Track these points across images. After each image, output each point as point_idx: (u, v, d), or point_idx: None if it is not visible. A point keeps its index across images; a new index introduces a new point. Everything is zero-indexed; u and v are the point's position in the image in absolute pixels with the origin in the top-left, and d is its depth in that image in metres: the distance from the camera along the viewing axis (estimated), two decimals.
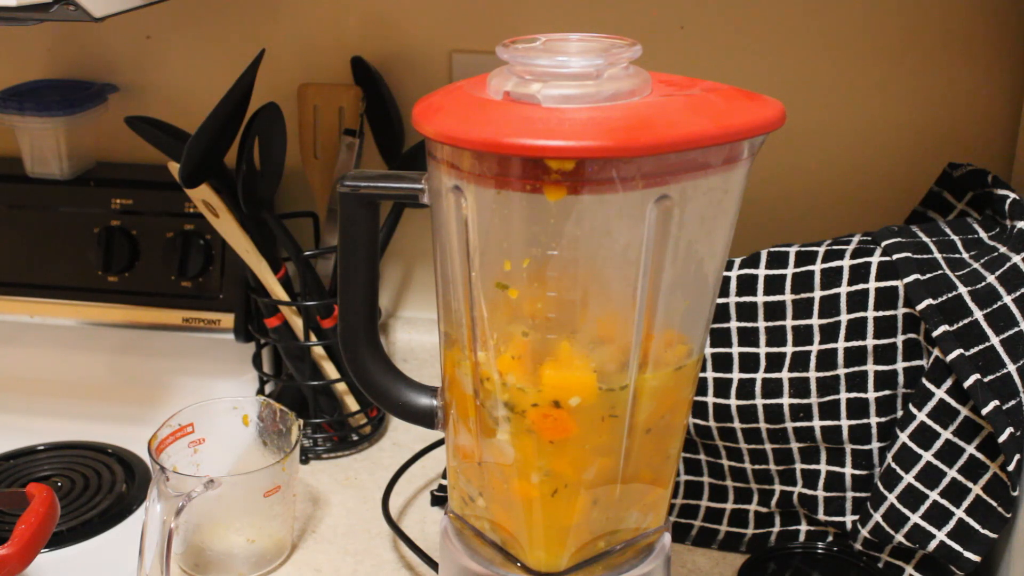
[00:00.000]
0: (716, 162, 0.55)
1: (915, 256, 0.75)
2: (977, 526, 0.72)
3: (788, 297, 0.78)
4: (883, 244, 0.77)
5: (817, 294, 0.77)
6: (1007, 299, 0.72)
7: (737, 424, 0.79)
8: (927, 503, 0.74)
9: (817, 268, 0.78)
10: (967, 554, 0.73)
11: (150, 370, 1.06)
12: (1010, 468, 0.70)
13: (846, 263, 0.77)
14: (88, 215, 1.04)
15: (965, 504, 0.73)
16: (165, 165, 0.92)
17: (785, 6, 0.92)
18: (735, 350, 0.79)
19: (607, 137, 0.51)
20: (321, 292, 0.95)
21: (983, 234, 0.78)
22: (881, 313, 0.76)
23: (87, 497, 0.90)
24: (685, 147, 0.52)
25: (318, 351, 0.97)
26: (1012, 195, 0.77)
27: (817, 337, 0.77)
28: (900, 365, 0.77)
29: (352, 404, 0.99)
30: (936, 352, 0.73)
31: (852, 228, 0.94)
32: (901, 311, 0.76)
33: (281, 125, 0.90)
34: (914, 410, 0.74)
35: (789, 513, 0.82)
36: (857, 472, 0.78)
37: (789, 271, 0.79)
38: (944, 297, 0.73)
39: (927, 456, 0.73)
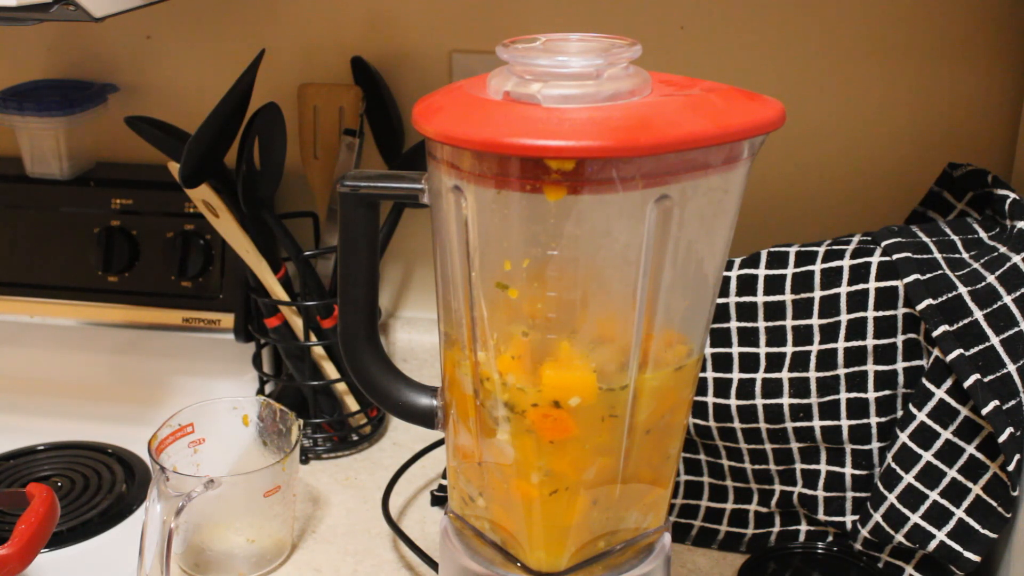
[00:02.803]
0: (716, 162, 0.55)
1: (915, 256, 0.75)
2: (977, 526, 0.72)
3: (788, 297, 0.78)
4: (883, 244, 0.77)
5: (817, 294, 0.77)
6: (1007, 299, 0.72)
7: (737, 424, 0.79)
8: (927, 503, 0.74)
9: (817, 268, 0.78)
10: (967, 554, 0.73)
11: (150, 370, 1.06)
12: (1010, 468, 0.70)
13: (846, 263, 0.77)
14: (88, 215, 1.04)
15: (965, 504, 0.73)
16: (165, 165, 0.92)
17: (785, 6, 0.92)
18: (735, 350, 0.79)
19: (607, 137, 0.51)
20: (321, 292, 0.95)
21: (983, 234, 0.78)
22: (881, 313, 0.76)
23: (87, 497, 0.90)
24: (685, 147, 0.52)
25: (318, 351, 0.97)
26: (1012, 195, 0.77)
27: (817, 337, 0.77)
28: (900, 365, 0.77)
29: (352, 404, 0.99)
30: (936, 352, 0.73)
31: (852, 228, 0.94)
32: (901, 311, 0.76)
33: (281, 125, 0.90)
34: (914, 410, 0.74)
35: (789, 513, 0.82)
36: (857, 472, 0.78)
37: (789, 271, 0.79)
38: (944, 297, 0.73)
39: (927, 456, 0.73)
